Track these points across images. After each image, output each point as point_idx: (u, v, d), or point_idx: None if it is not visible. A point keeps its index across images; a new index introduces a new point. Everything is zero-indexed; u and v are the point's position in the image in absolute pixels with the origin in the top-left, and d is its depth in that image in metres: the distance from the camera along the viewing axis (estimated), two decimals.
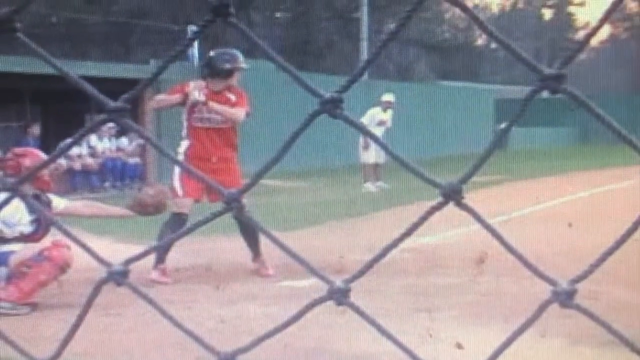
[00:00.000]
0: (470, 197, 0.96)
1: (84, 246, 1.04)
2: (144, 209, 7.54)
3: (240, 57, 8.61)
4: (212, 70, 8.49)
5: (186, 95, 8.25)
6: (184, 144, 8.44)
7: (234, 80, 8.55)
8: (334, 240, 10.29)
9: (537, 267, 0.96)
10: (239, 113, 8.42)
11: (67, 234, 1.05)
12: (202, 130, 8.34)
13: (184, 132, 8.45)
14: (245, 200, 1.01)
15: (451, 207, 0.99)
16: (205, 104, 8.21)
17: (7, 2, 0.95)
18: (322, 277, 0.98)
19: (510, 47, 0.91)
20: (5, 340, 1.12)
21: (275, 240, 1.01)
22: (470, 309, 6.87)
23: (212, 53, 8.64)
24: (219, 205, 0.97)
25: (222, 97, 8.38)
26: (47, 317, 6.66)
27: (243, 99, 8.52)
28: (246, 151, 8.85)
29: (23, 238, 6.95)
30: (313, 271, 1.00)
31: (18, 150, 7.69)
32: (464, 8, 0.93)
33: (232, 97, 8.44)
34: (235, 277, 8.28)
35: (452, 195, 0.93)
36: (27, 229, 6.98)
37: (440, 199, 0.94)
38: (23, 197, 1.02)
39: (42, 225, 7.07)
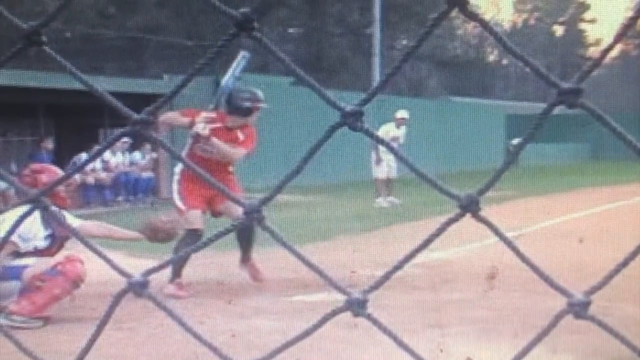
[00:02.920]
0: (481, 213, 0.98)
1: (104, 257, 1.05)
2: (155, 234, 7.55)
3: (260, 96, 8.60)
4: (231, 107, 8.48)
5: (194, 123, 8.22)
6: (180, 165, 8.40)
7: (252, 119, 8.56)
8: (346, 256, 10.30)
9: (552, 279, 0.96)
10: (238, 154, 8.42)
11: (88, 245, 1.07)
12: (200, 158, 8.21)
13: (184, 152, 8.32)
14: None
15: (463, 222, 1.01)
16: (207, 138, 8.17)
17: (34, 16, 0.98)
18: (339, 288, 0.99)
19: (529, 62, 0.92)
20: (25, 352, 1.13)
21: (293, 252, 1.02)
22: (481, 324, 6.85)
23: (233, 90, 8.62)
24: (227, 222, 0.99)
25: (232, 134, 8.39)
26: (59, 331, 6.67)
27: (250, 139, 8.50)
28: (257, 166, 8.86)
29: (37, 252, 6.97)
30: (330, 282, 1.02)
31: (35, 166, 7.73)
32: (484, 24, 0.95)
33: (241, 136, 8.44)
34: (247, 292, 8.29)
35: (470, 207, 0.94)
36: (42, 243, 7.01)
37: (456, 211, 0.94)
38: (46, 208, 1.04)
39: (56, 240, 7.10)
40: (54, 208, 6.98)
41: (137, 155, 20.20)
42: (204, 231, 8.15)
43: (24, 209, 1.05)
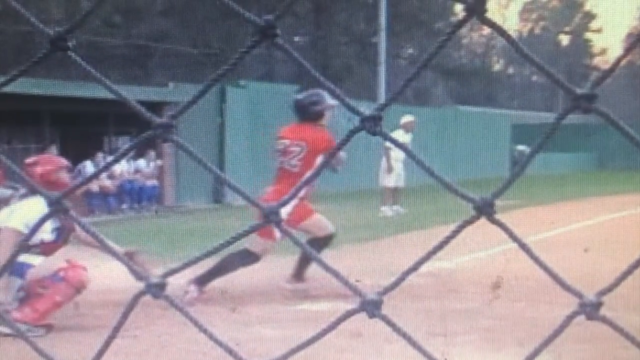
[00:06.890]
0: (488, 222, 0.97)
1: (123, 260, 1.07)
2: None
3: (326, 95, 8.35)
4: (301, 114, 8.39)
5: None
6: None
7: (325, 120, 8.44)
8: (351, 264, 10.26)
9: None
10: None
11: (107, 248, 1.10)
12: (285, 171, 8.28)
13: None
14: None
15: (469, 232, 0.99)
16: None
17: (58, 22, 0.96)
18: (354, 289, 0.99)
19: (544, 68, 0.94)
20: (42, 354, 1.13)
21: (310, 253, 1.06)
22: (486, 333, 6.84)
23: (298, 96, 8.48)
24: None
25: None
26: (62, 339, 6.67)
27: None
28: (263, 172, 8.83)
29: (43, 245, 6.93)
30: (346, 283, 1.01)
31: (28, 160, 7.67)
32: (502, 32, 0.95)
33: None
34: (251, 300, 8.28)
35: (485, 209, 0.94)
36: (49, 236, 6.97)
37: (472, 213, 0.94)
38: (66, 211, 1.04)
39: (63, 233, 7.07)
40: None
41: (141, 162, 20.19)
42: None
43: (32, 200, 1.04)
